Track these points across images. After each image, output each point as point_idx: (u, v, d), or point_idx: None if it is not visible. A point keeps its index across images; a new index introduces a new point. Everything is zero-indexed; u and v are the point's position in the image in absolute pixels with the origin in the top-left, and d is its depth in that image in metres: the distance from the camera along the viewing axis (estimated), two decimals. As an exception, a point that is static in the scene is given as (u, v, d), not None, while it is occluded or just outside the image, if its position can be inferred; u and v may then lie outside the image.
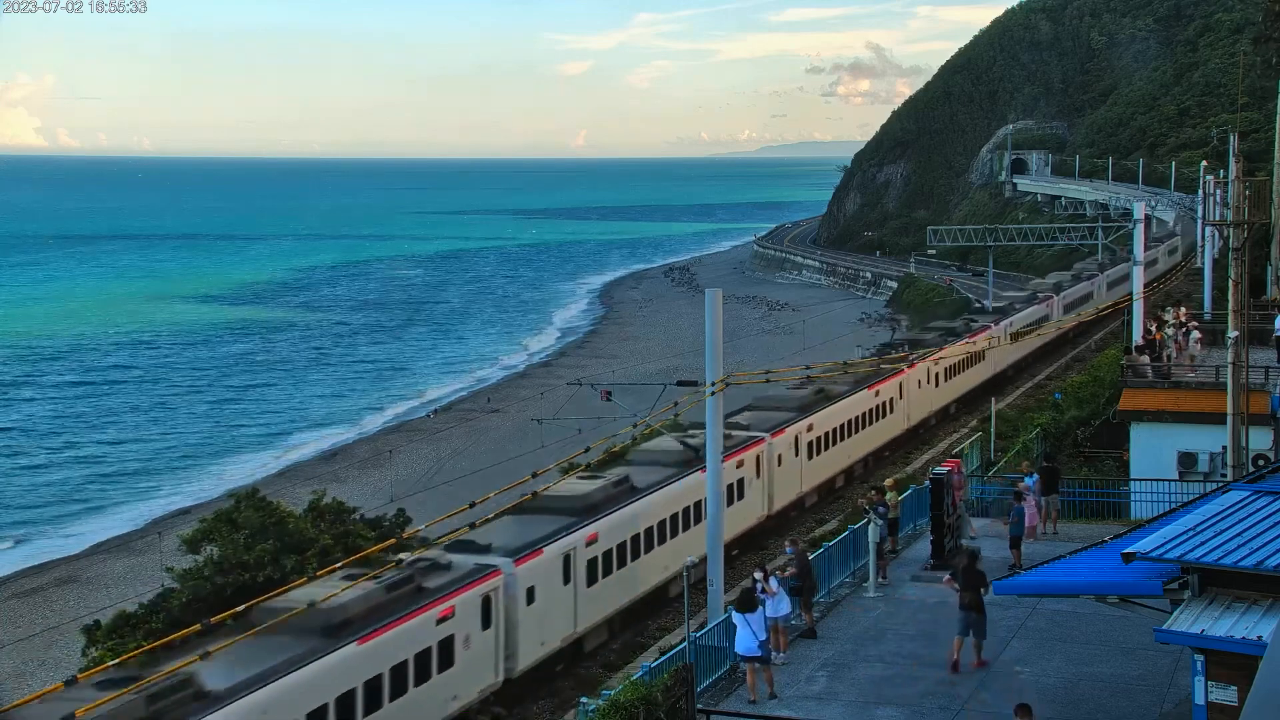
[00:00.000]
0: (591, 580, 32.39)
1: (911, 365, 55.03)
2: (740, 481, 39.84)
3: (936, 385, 59.27)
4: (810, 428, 45.57)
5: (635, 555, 34.07)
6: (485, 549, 29.97)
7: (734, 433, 40.90)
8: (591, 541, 32.21)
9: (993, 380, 67.15)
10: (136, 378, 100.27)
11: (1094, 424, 42.73)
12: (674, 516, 35.97)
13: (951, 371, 61.20)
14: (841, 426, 48.46)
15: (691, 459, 37.16)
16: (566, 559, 31.35)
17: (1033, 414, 49.98)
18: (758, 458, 41.63)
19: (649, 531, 34.89)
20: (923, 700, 21.16)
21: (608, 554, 33.18)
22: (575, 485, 34.21)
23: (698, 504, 35.34)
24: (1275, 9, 70.75)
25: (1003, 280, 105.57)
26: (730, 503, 37.17)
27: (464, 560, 29.06)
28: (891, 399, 53.51)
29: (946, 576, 24.63)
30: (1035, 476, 30.75)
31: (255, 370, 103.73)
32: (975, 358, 63.73)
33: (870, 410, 51.00)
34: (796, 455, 44.50)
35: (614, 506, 33.85)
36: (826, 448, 47.21)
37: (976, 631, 22.49)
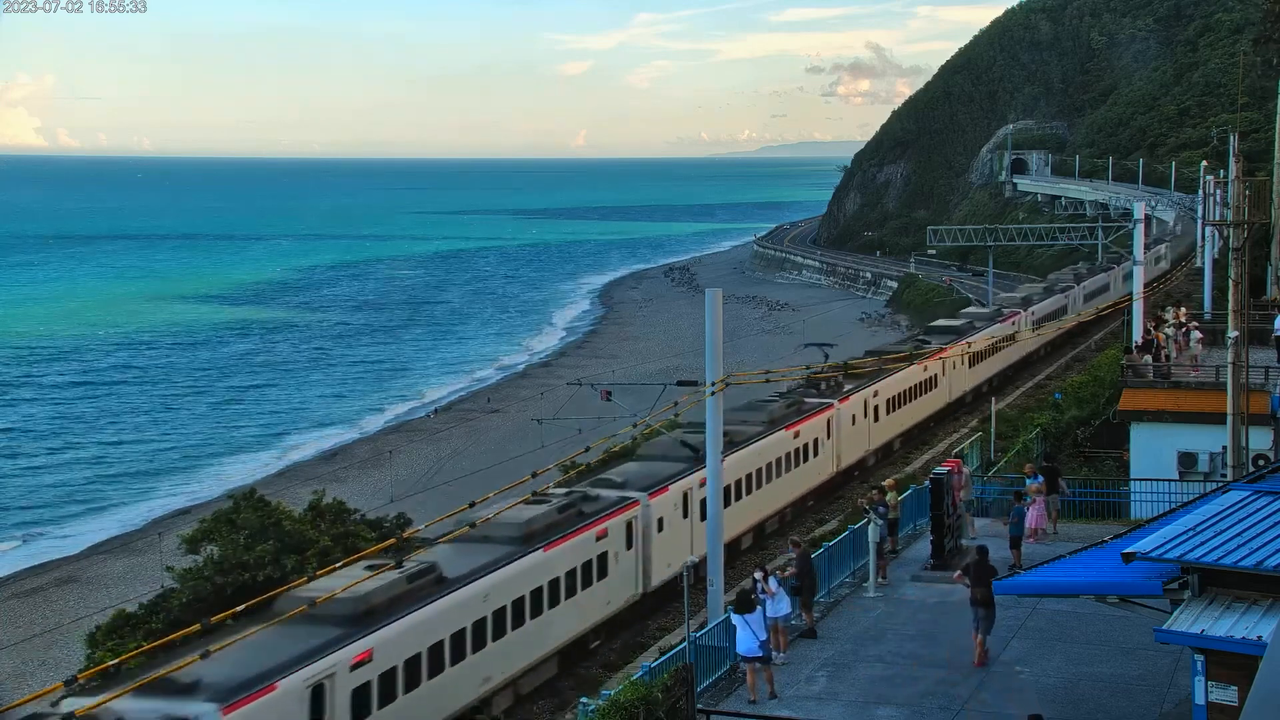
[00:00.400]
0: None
1: (844, 399, 48.61)
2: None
3: (877, 419, 51.77)
4: (701, 483, 35.86)
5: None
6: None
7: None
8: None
9: (945, 410, 60.40)
10: (136, 378, 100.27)
11: (1094, 424, 42.72)
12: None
13: (895, 403, 53.86)
14: (730, 488, 38.43)
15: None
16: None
17: (1033, 414, 49.97)
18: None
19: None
20: (923, 700, 21.16)
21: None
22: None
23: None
24: (1275, 9, 70.81)
25: (1002, 280, 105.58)
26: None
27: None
28: (815, 439, 46.05)
29: (958, 572, 24.73)
30: (1039, 478, 30.62)
31: (255, 370, 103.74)
32: (925, 385, 57.06)
33: (784, 456, 43.62)
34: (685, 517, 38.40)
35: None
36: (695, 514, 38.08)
37: (984, 628, 22.57)
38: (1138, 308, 48.19)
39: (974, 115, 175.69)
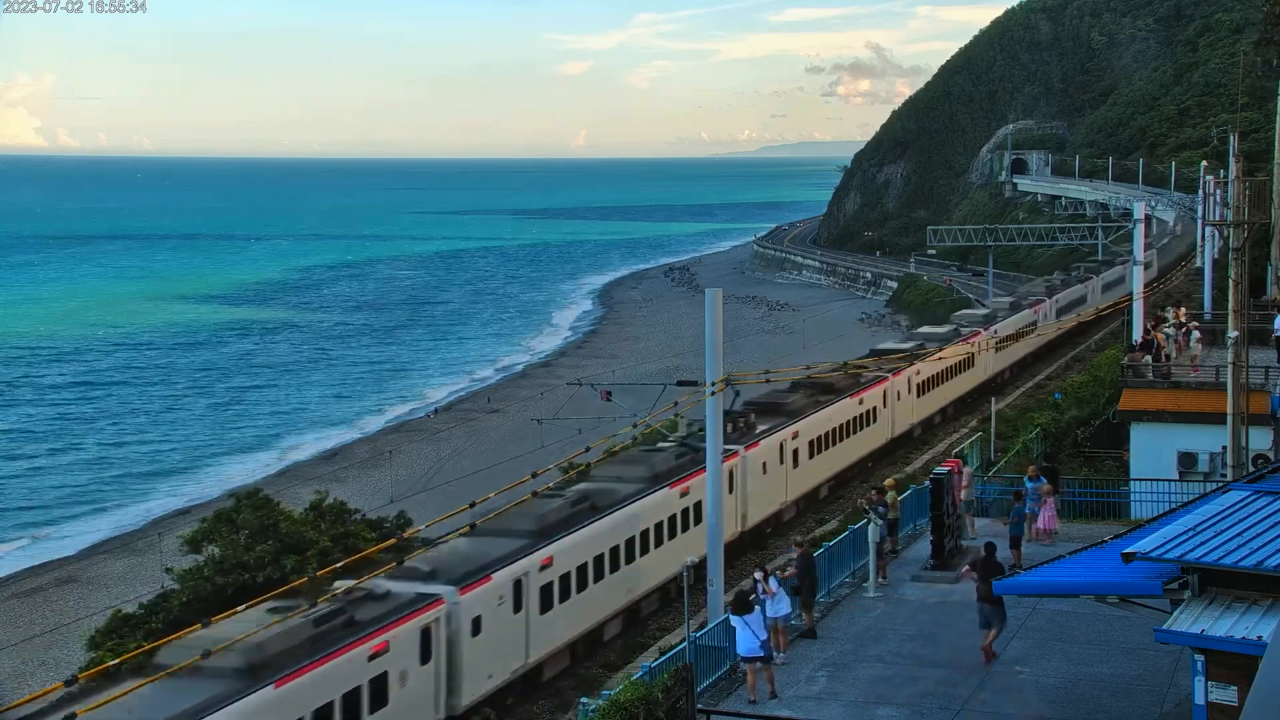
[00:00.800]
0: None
1: (751, 445, 41.69)
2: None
3: (796, 464, 44.65)
4: (542, 565, 32.22)
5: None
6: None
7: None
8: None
9: (887, 447, 53.84)
10: (136, 378, 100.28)
11: (1094, 424, 42.71)
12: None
13: (821, 444, 47.00)
14: (584, 567, 33.13)
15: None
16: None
17: (1033, 414, 49.96)
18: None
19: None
20: (923, 700, 21.16)
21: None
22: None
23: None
24: (1275, 10, 70.81)
25: (1002, 280, 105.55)
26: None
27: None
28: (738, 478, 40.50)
29: (965, 567, 24.76)
30: (1042, 480, 30.49)
31: (255, 371, 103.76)
32: (861, 420, 50.59)
33: (666, 521, 36.91)
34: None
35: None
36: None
37: (994, 623, 22.61)
38: (1138, 308, 48.22)
39: (974, 115, 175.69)
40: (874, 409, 51.46)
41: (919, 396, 56.66)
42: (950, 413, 61.77)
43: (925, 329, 68.74)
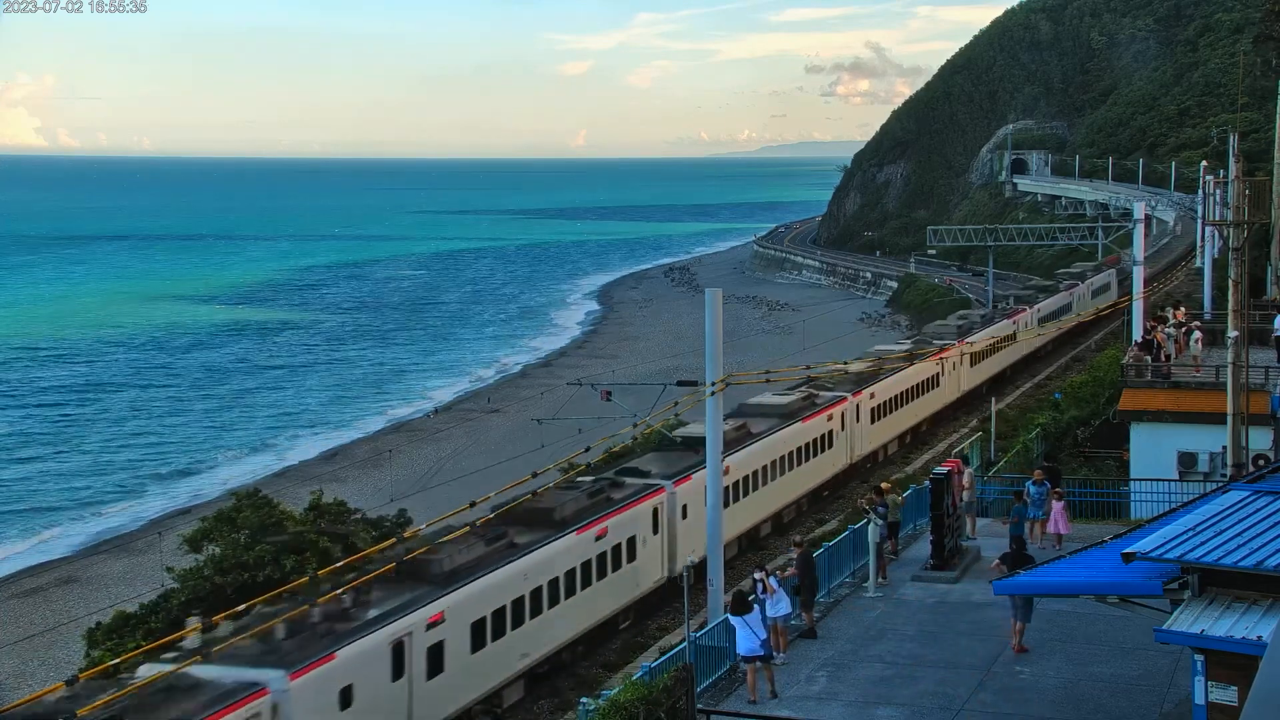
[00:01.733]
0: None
1: (681, 480, 36.78)
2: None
3: (745, 493, 40.72)
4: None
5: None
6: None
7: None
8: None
9: (846, 473, 48.98)
10: (137, 378, 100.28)
11: (1094, 424, 42.72)
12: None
13: (768, 473, 42.24)
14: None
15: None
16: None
17: (1033, 414, 49.97)
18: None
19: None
20: (923, 700, 21.16)
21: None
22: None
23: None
24: (1275, 9, 70.80)
25: (1002, 280, 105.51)
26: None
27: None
28: (629, 539, 34.97)
29: (995, 560, 24.96)
30: (1048, 485, 30.30)
31: (255, 371, 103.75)
32: (813, 447, 45.29)
33: (574, 571, 32.14)
34: None
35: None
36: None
37: (1023, 615, 22.66)
38: (1137, 307, 48.26)
39: (974, 115, 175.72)
40: (828, 434, 46.46)
41: (874, 421, 51.10)
42: (909, 440, 56.27)
43: (879, 347, 61.53)
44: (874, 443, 51.74)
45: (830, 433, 47.08)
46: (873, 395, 50.88)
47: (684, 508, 36.98)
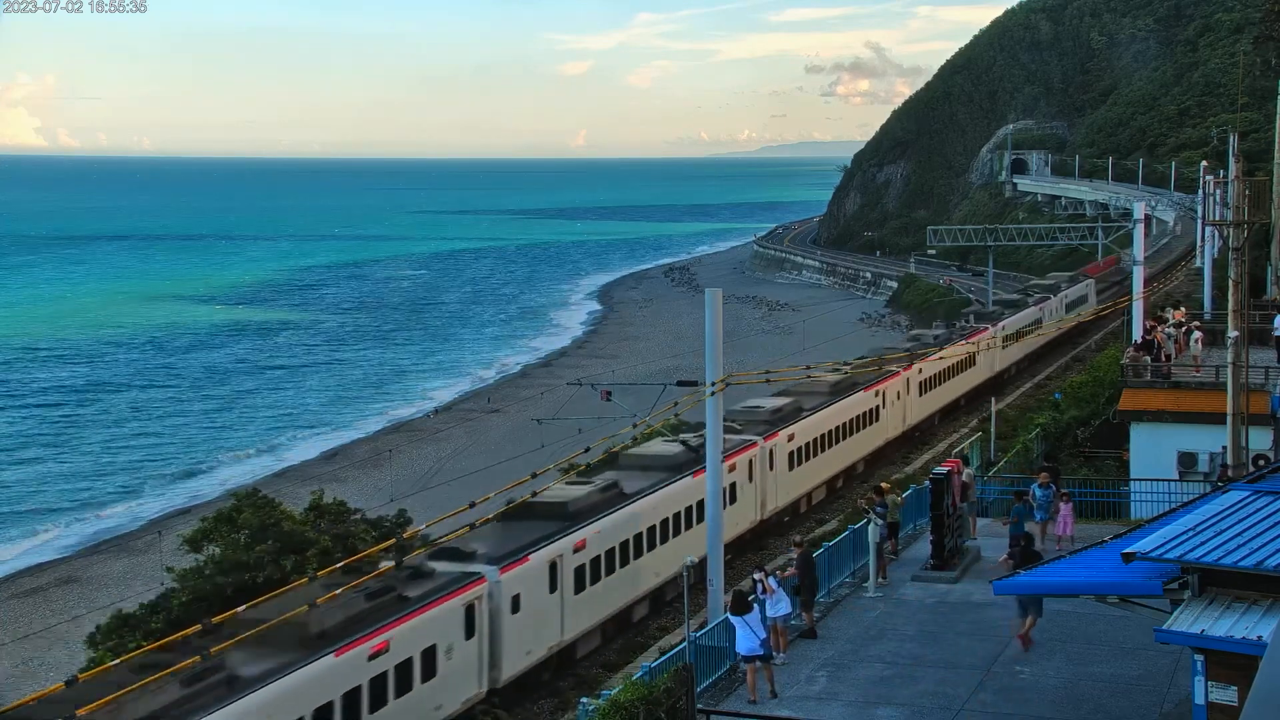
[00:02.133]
0: None
1: (517, 563, 30.26)
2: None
3: (608, 573, 33.71)
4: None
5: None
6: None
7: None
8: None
9: (755, 531, 42.31)
10: (136, 379, 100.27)
11: (1094, 424, 42.72)
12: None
13: (656, 535, 35.82)
14: None
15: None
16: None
17: (1033, 414, 49.97)
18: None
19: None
20: (923, 700, 21.15)
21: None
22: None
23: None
24: (1275, 9, 70.78)
25: (1002, 280, 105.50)
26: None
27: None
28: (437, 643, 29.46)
29: (1003, 557, 25.00)
30: (1053, 488, 30.15)
31: (255, 371, 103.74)
32: (675, 522, 36.88)
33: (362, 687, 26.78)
34: None
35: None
36: None
37: (1034, 610, 22.66)
38: (1137, 308, 48.29)
39: (974, 115, 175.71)
40: (729, 487, 38.07)
41: (790, 469, 44.08)
42: (840, 485, 49.24)
43: (815, 375, 50.50)
44: (793, 493, 44.47)
45: (733, 485, 39.20)
46: (792, 437, 43.98)
47: (514, 599, 29.67)
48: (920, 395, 55.62)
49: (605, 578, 33.23)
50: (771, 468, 42.71)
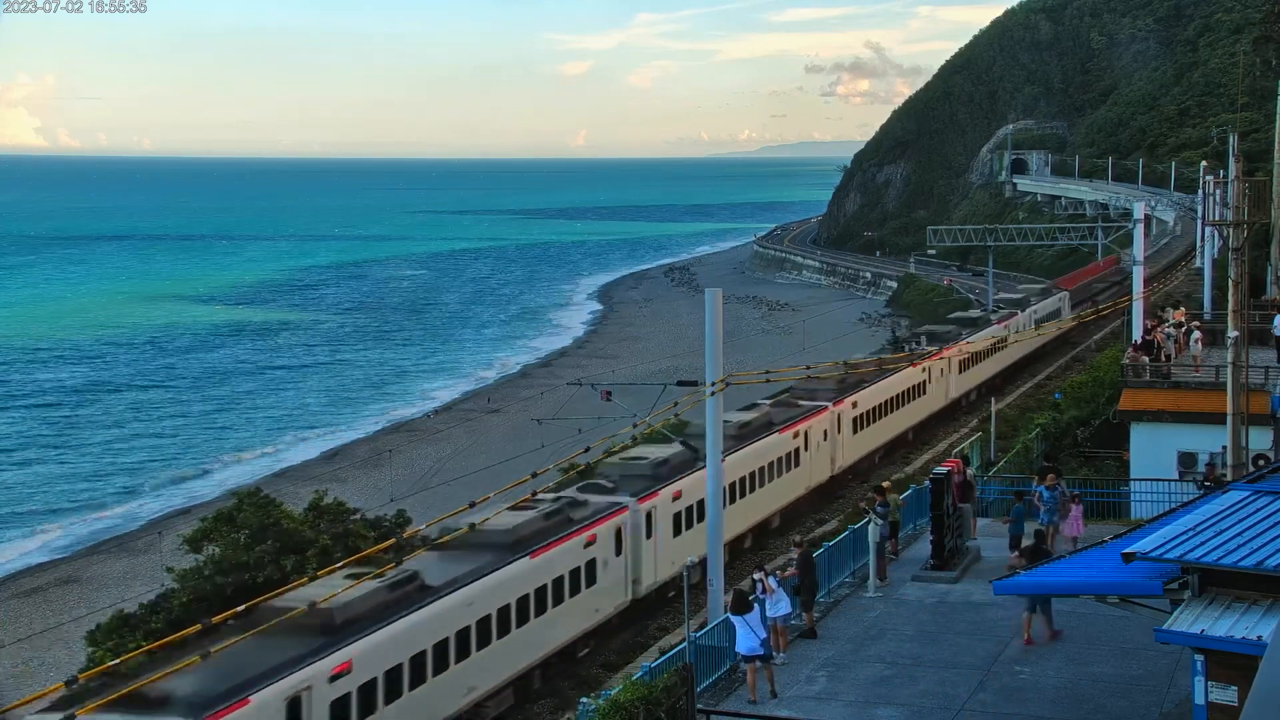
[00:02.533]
0: None
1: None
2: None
3: (438, 673, 27.60)
4: None
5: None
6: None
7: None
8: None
9: (596, 632, 33.88)
10: (137, 379, 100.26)
11: (1094, 424, 42.73)
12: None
13: (435, 661, 27.59)
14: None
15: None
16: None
17: (1033, 414, 49.97)
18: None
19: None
20: (923, 700, 21.15)
21: None
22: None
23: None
24: (1276, 9, 70.78)
25: (1002, 281, 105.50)
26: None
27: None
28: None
29: (1014, 554, 25.25)
30: (1061, 489, 29.91)
31: (255, 371, 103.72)
32: (511, 614, 29.89)
33: None
34: None
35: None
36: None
37: (1044, 608, 22.67)
38: (1137, 307, 48.30)
39: (974, 115, 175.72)
40: (587, 564, 32.80)
41: (677, 534, 36.91)
42: (753, 537, 42.82)
43: (736, 415, 43.68)
44: (665, 570, 36.33)
45: (592, 562, 32.95)
46: (678, 495, 36.88)
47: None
48: (854, 434, 50.12)
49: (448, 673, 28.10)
50: (649, 535, 35.49)
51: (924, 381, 58.88)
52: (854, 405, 51.14)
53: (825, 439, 48.16)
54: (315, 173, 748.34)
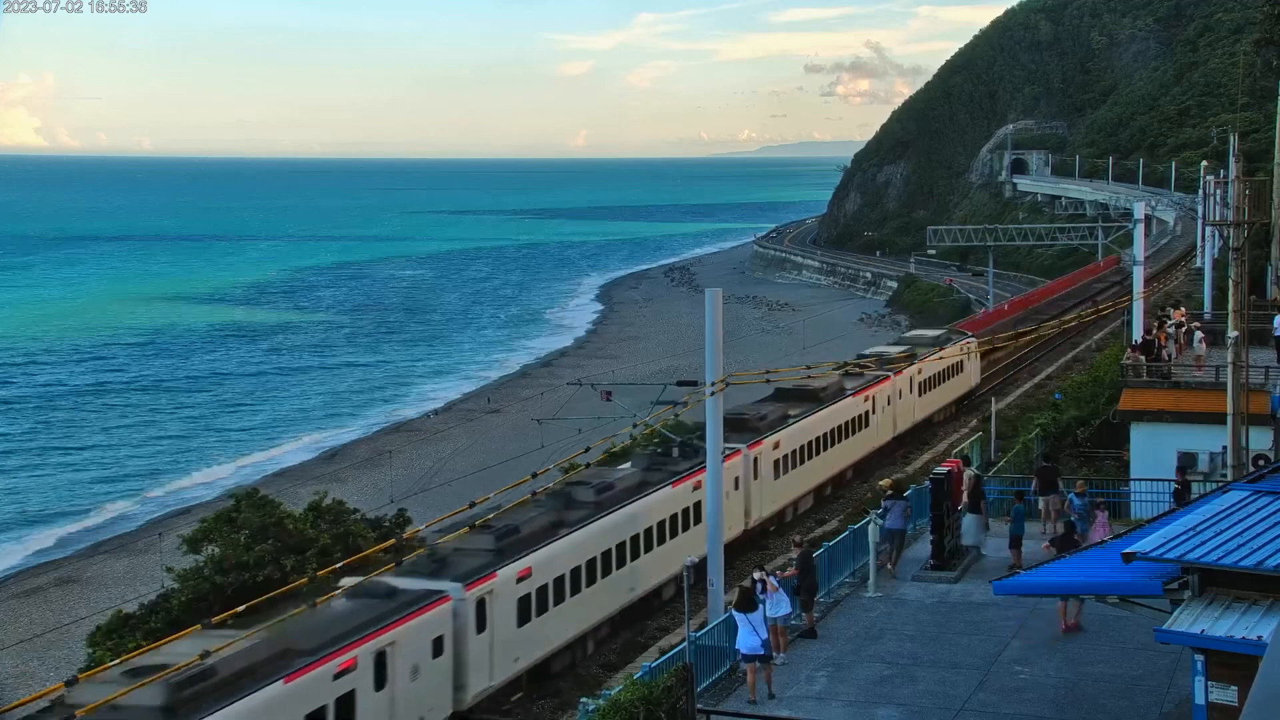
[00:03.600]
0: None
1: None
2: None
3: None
4: None
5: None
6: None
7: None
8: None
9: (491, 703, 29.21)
10: (137, 379, 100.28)
11: (1094, 424, 42.70)
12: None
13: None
14: None
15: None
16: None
17: (1033, 414, 49.93)
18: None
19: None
20: (922, 700, 21.15)
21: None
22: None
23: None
24: (1276, 10, 70.74)
25: (1003, 281, 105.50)
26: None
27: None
28: None
29: (1045, 543, 25.38)
30: (1089, 495, 29.73)
31: (255, 371, 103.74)
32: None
33: None
34: None
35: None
36: None
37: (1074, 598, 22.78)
38: (1137, 308, 48.31)
39: (974, 115, 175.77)
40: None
41: (540, 614, 30.31)
42: (579, 658, 33.01)
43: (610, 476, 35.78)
44: (534, 653, 30.47)
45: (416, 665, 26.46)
46: (524, 575, 29.81)
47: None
48: (777, 478, 42.68)
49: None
50: (479, 632, 28.17)
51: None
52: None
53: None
54: (315, 173, 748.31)
